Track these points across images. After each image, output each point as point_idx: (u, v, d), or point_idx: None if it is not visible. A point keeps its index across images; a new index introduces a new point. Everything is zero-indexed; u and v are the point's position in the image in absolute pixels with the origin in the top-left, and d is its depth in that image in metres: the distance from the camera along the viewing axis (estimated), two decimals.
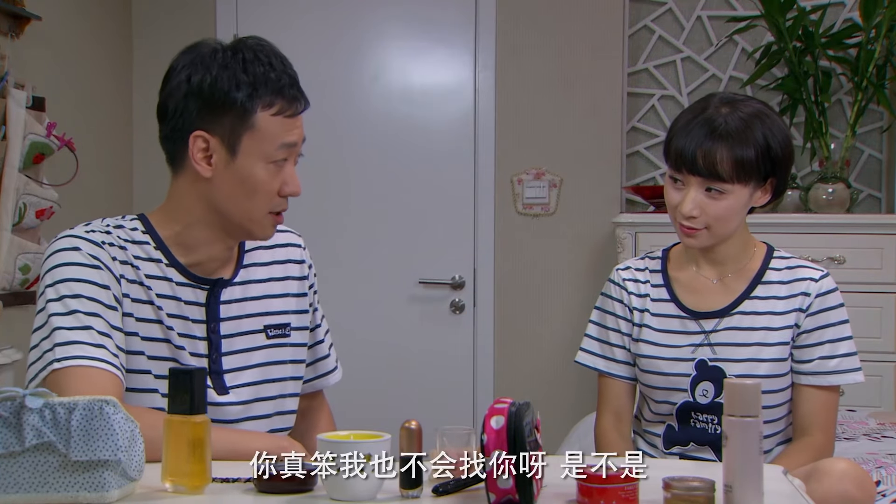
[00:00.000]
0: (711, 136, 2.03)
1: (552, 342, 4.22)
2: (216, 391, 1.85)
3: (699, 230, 2.08)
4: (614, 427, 2.22)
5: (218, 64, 1.77)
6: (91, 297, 1.75)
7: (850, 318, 2.17)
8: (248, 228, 1.83)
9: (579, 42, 4.21)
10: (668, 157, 2.10)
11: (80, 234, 1.81)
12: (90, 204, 3.95)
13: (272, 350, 1.92)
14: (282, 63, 1.80)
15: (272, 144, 1.78)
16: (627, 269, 2.26)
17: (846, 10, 4.15)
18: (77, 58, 3.92)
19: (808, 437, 2.12)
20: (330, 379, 2.10)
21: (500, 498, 1.42)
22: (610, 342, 2.24)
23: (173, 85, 1.80)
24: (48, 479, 1.43)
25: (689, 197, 2.06)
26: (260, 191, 1.79)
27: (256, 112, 1.76)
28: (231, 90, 1.75)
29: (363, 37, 4.32)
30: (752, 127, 2.04)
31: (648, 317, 2.20)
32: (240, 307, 1.90)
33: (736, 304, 2.15)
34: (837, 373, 2.13)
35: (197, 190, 1.82)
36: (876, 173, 4.19)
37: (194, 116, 1.78)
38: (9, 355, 3.24)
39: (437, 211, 4.30)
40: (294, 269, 1.99)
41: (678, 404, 2.16)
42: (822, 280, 2.15)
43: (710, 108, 2.08)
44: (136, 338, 1.80)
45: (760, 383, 1.47)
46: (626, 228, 3.87)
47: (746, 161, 2.03)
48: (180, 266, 1.84)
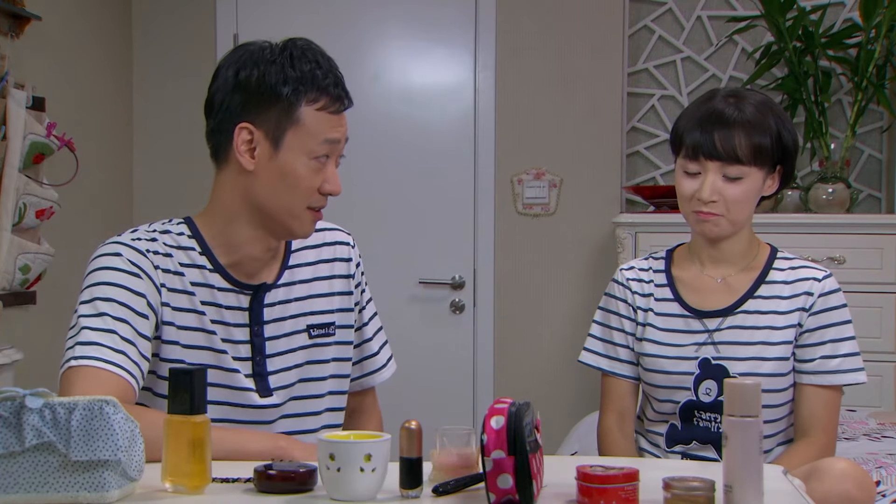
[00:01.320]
0: (728, 123, 2.09)
1: (552, 342, 4.22)
2: (259, 393, 1.87)
3: (717, 215, 2.12)
4: (618, 427, 2.23)
5: (266, 60, 1.80)
6: (123, 302, 1.77)
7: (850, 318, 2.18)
8: (287, 224, 1.85)
9: (579, 42, 4.21)
10: (682, 148, 2.13)
11: (125, 240, 1.84)
12: (90, 204, 3.96)
13: (314, 349, 1.94)
14: (328, 62, 1.84)
15: (315, 140, 1.80)
16: (631, 268, 2.27)
17: (846, 10, 4.15)
18: (77, 58, 3.92)
19: (809, 437, 2.12)
20: (377, 377, 2.10)
21: (500, 498, 1.42)
22: (614, 342, 2.24)
23: (221, 80, 1.83)
24: (48, 479, 1.43)
25: (708, 182, 2.10)
26: (300, 186, 1.81)
27: (301, 106, 1.79)
28: (277, 84, 1.78)
29: (363, 37, 4.32)
30: (764, 114, 2.11)
31: (652, 316, 2.21)
32: (283, 309, 1.91)
33: (740, 303, 2.17)
34: (839, 372, 2.13)
35: (239, 183, 1.83)
36: (876, 173, 4.19)
37: (240, 109, 1.80)
38: (9, 355, 3.24)
39: (437, 211, 4.30)
40: (341, 267, 2.01)
41: (681, 403, 2.16)
42: (825, 280, 2.16)
43: (718, 99, 2.14)
44: (177, 346, 1.82)
45: (760, 383, 1.47)
46: (626, 228, 3.87)
47: (763, 145, 2.09)
48: (223, 271, 1.86)
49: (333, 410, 1.98)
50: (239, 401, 1.86)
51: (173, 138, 4.35)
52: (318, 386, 1.95)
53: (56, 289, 3.61)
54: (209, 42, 4.34)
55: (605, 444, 2.22)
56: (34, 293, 3.50)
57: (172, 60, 4.35)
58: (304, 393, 1.93)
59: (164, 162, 4.35)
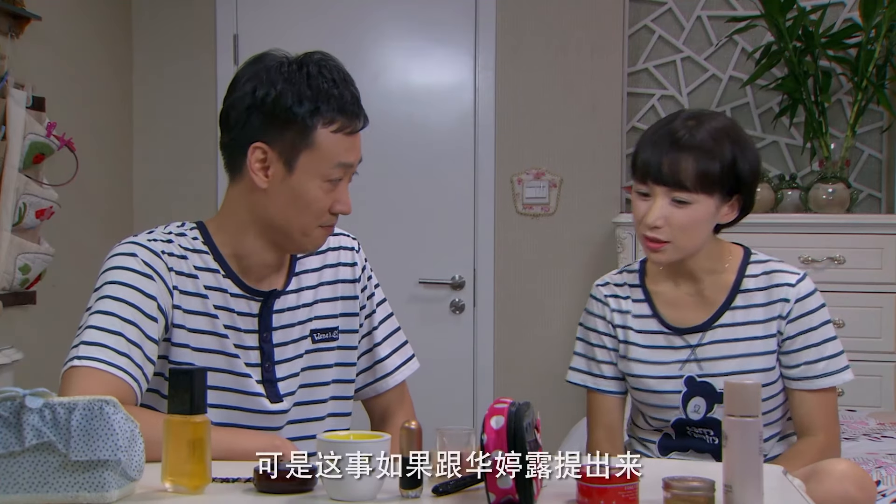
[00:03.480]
0: (677, 147, 2.01)
1: (552, 342, 4.21)
2: (269, 399, 1.88)
3: (664, 243, 2.05)
4: (607, 442, 2.20)
5: (283, 78, 1.79)
6: (133, 303, 1.77)
7: (850, 318, 2.18)
8: (298, 241, 1.86)
9: (579, 42, 4.21)
10: (635, 170, 2.08)
11: (141, 241, 1.84)
12: (90, 204, 3.96)
13: (315, 354, 1.94)
14: (345, 80, 1.83)
15: (329, 163, 1.80)
16: (607, 284, 2.24)
17: (846, 10, 4.15)
18: (77, 58, 3.92)
19: (811, 437, 2.11)
20: (389, 381, 2.07)
21: (500, 498, 1.42)
22: (596, 359, 2.22)
23: (237, 95, 1.81)
24: (48, 479, 1.43)
25: (656, 206, 2.03)
26: (312, 207, 1.82)
27: (317, 129, 1.78)
28: (294, 105, 1.77)
29: (363, 37, 4.32)
30: (719, 140, 2.02)
31: (633, 334, 2.18)
32: (291, 315, 1.92)
33: (716, 317, 2.13)
34: (826, 375, 2.11)
35: (251, 199, 1.84)
36: (876, 173, 4.19)
37: (255, 128, 1.79)
38: (9, 355, 3.24)
39: (437, 211, 4.30)
40: (345, 272, 2.01)
41: (672, 421, 2.15)
42: (798, 284, 2.11)
43: (677, 121, 2.06)
44: (187, 349, 1.83)
45: (760, 383, 1.48)
46: (626, 228, 3.87)
47: (710, 172, 2.00)
48: (235, 277, 1.87)
49: (337, 416, 1.97)
50: (250, 406, 1.86)
51: (173, 138, 4.36)
52: (320, 391, 1.95)
53: (56, 289, 3.61)
54: (209, 42, 4.34)
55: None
56: (34, 293, 3.50)
57: (172, 60, 4.35)
58: (307, 398, 1.93)
59: (164, 162, 4.35)
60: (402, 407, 2.10)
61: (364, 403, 2.10)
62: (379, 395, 2.08)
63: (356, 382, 2.04)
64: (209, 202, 4.27)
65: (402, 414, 2.07)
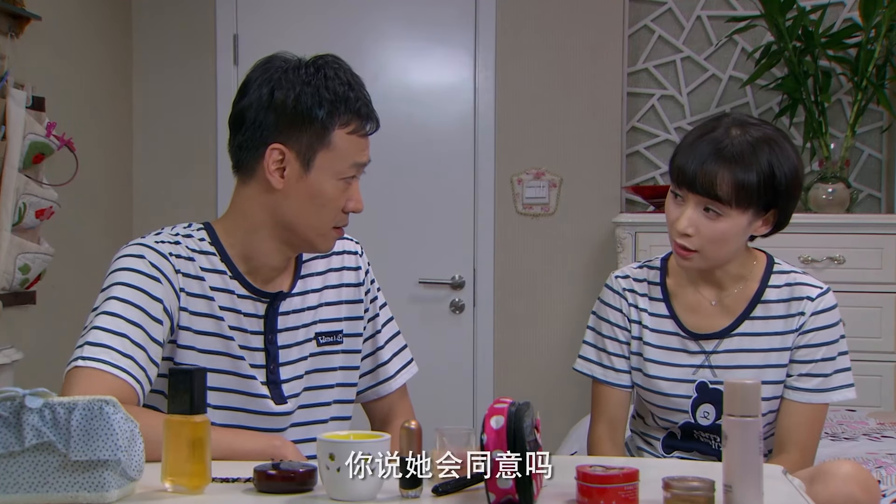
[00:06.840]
0: (715, 157, 1.96)
1: (552, 342, 4.22)
2: (274, 401, 1.89)
3: (693, 252, 2.02)
4: (609, 436, 2.18)
5: (301, 80, 1.82)
6: (139, 305, 1.77)
7: (850, 319, 2.16)
8: (311, 241, 1.88)
9: (579, 42, 4.21)
10: (671, 173, 2.04)
11: (148, 242, 1.84)
12: (90, 204, 3.95)
13: (321, 357, 1.95)
14: (359, 83, 1.87)
15: (345, 163, 1.83)
16: (626, 277, 2.19)
17: (846, 10, 4.15)
18: (77, 58, 3.92)
19: (783, 455, 2.06)
20: (391, 384, 2.09)
21: (500, 498, 1.42)
22: (606, 350, 2.19)
23: (253, 97, 1.83)
24: (48, 479, 1.43)
25: (686, 214, 2.00)
26: (328, 206, 1.84)
27: (334, 130, 1.81)
28: (313, 107, 1.80)
29: (363, 37, 4.32)
30: (758, 152, 1.97)
31: (647, 333, 2.15)
32: (297, 318, 1.93)
33: (735, 326, 2.11)
34: (824, 391, 2.08)
35: (265, 200, 1.85)
36: (876, 173, 4.19)
37: (273, 129, 1.81)
38: (9, 355, 3.24)
39: (437, 211, 4.30)
40: (349, 275, 2.02)
41: (679, 423, 2.14)
42: (819, 298, 2.09)
43: (721, 128, 2.01)
44: (192, 351, 1.83)
45: (760, 383, 1.47)
46: (625, 228, 3.87)
47: (747, 186, 1.96)
48: (242, 278, 1.88)
49: (339, 419, 1.98)
50: (255, 408, 1.87)
51: (173, 138, 4.35)
52: (324, 394, 1.96)
53: (56, 289, 3.61)
54: (209, 42, 4.34)
55: (595, 453, 2.18)
56: (34, 293, 3.50)
57: (172, 60, 4.35)
58: (311, 401, 1.94)
59: (164, 162, 4.35)
60: (403, 410, 2.11)
61: (365, 406, 2.11)
62: (380, 399, 2.09)
63: (358, 385, 2.04)
64: (209, 202, 4.27)
65: (402, 417, 2.06)
